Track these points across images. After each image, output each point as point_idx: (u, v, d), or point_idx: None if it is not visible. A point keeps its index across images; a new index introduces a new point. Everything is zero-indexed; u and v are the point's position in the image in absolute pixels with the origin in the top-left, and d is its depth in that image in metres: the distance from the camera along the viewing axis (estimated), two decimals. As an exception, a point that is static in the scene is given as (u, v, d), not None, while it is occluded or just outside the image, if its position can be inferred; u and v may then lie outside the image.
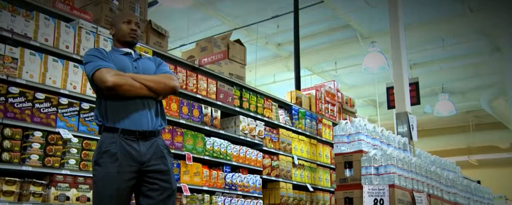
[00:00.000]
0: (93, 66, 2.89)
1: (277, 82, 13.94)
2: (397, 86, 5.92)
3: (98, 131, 3.16)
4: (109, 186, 2.81)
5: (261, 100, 5.91)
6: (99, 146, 2.90)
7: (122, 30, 3.16)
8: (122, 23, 3.16)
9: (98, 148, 2.90)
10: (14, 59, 3.66)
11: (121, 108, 2.93)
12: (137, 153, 2.89)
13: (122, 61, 3.05)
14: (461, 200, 5.81)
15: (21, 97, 3.65)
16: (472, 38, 11.00)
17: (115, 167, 2.83)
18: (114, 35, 3.21)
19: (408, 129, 5.75)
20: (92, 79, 2.90)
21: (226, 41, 5.71)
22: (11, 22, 3.69)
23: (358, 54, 11.34)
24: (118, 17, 3.25)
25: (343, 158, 4.75)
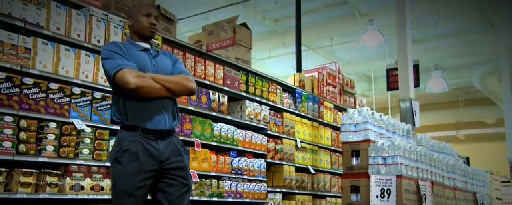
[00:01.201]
0: (115, 65, 2.84)
1: (273, 58, 13.89)
2: (401, 73, 5.93)
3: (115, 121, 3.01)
4: (129, 184, 2.82)
5: (266, 84, 5.89)
6: (119, 144, 2.89)
7: (141, 23, 3.06)
8: (141, 16, 3.06)
9: (118, 146, 2.89)
10: (27, 49, 3.59)
11: (141, 108, 2.91)
12: (157, 151, 2.90)
13: (142, 59, 3.00)
14: (459, 184, 5.90)
15: (35, 88, 3.60)
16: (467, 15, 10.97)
17: (136, 166, 2.83)
18: (132, 27, 3.10)
19: (412, 115, 5.78)
20: (113, 79, 2.85)
21: (232, 25, 5.64)
22: (23, 11, 3.60)
23: (354, 31, 11.29)
24: (137, 8, 3.12)
25: (350, 146, 4.78)
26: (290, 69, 14.76)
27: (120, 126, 2.95)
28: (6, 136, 3.39)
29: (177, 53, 4.79)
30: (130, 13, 3.13)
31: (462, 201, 5.87)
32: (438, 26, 11.24)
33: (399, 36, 6.13)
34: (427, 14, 10.69)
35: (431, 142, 6.37)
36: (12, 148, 3.41)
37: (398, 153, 4.47)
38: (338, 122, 7.20)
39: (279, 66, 14.57)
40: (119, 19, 4.27)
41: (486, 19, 11.10)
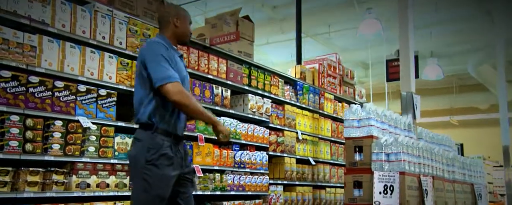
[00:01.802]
0: (165, 75, 2.83)
1: (271, 44, 13.79)
2: (403, 67, 5.88)
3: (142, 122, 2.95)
4: (164, 188, 2.85)
5: (268, 77, 5.84)
6: (155, 147, 2.86)
7: (187, 30, 3.17)
8: (188, 23, 3.17)
9: (155, 149, 2.85)
10: (32, 47, 3.52)
11: (172, 114, 2.98)
12: (181, 157, 3.02)
13: (181, 68, 3.07)
14: (458, 176, 5.92)
15: (41, 86, 3.54)
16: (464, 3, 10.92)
17: (171, 170, 2.88)
18: (176, 29, 3.10)
19: (413, 109, 5.76)
20: (160, 87, 2.84)
21: (235, 18, 5.56)
22: (28, 8, 3.52)
23: (352, 18, 11.21)
24: (186, 14, 3.18)
25: (353, 142, 4.75)
26: (288, 56, 14.71)
27: (148, 128, 2.90)
28: (12, 135, 3.34)
29: (180, 49, 4.71)
30: (180, 15, 3.12)
31: (461, 193, 5.89)
32: (435, 13, 11.19)
33: (401, 30, 6.06)
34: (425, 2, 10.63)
35: (430, 135, 6.37)
36: (19, 147, 3.36)
37: (401, 150, 4.46)
38: (338, 113, 7.18)
39: (277, 52, 14.51)
40: (123, 15, 4.19)
41: (482, 7, 11.05)
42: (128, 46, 4.20)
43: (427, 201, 4.69)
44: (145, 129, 2.91)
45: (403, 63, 5.90)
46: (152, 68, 2.86)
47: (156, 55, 2.87)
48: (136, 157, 2.87)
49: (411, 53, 5.92)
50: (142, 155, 2.85)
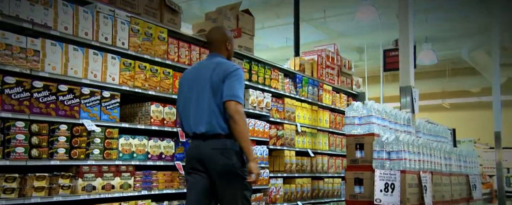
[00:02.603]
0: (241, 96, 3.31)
1: (266, 28, 13.69)
2: (402, 61, 5.84)
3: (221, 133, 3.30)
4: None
5: (268, 71, 5.80)
6: (240, 152, 3.32)
7: (233, 51, 3.68)
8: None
9: (241, 156, 3.32)
10: (36, 52, 3.45)
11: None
12: None
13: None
14: (455, 168, 5.96)
15: (45, 91, 3.48)
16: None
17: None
18: (229, 51, 3.60)
19: (411, 102, 5.75)
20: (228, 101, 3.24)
21: (235, 12, 5.48)
22: (30, 11, 3.44)
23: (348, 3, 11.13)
24: (232, 38, 3.68)
25: (354, 140, 4.76)
26: (283, 40, 14.64)
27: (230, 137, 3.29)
28: (18, 141, 3.29)
29: (182, 46, 4.66)
30: (231, 39, 3.61)
31: (457, 185, 5.94)
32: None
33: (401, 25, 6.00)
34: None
35: (427, 127, 6.39)
36: (25, 153, 3.32)
37: (402, 148, 4.47)
38: (336, 104, 7.17)
39: (273, 37, 14.42)
40: (125, 14, 4.11)
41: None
42: (130, 46, 4.13)
43: (426, 197, 4.72)
44: (229, 138, 3.28)
45: (402, 57, 5.87)
46: (232, 81, 3.28)
47: (240, 77, 3.34)
48: (235, 164, 3.25)
49: (410, 46, 5.89)
50: (239, 160, 3.28)
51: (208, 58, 3.58)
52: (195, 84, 3.40)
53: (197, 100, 3.35)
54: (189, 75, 3.53)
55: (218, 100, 3.26)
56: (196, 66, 3.62)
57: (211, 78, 3.30)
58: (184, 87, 3.51)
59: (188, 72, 3.60)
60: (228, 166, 3.22)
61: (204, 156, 3.28)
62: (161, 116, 4.35)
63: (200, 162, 3.32)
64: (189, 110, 3.40)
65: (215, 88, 3.28)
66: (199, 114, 3.31)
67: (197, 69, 3.52)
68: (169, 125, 4.42)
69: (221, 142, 3.26)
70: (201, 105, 3.31)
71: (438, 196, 5.16)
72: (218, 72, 3.30)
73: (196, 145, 3.35)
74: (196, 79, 3.41)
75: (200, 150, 3.31)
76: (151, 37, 4.32)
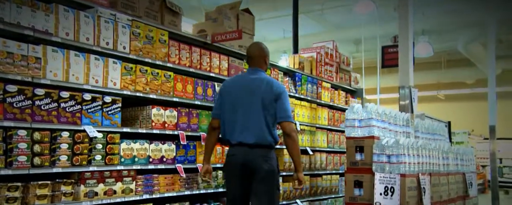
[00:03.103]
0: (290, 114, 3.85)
1: (263, 20, 13.59)
2: (402, 61, 5.83)
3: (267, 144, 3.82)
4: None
5: (268, 71, 5.75)
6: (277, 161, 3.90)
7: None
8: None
9: (278, 165, 3.91)
10: (37, 59, 3.40)
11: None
12: None
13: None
14: (452, 167, 5.97)
15: (47, 98, 3.44)
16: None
17: None
18: (266, 65, 4.03)
19: (410, 102, 5.75)
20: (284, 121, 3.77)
21: (235, 11, 5.43)
22: (32, 18, 3.38)
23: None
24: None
25: (354, 142, 4.74)
26: (280, 32, 14.56)
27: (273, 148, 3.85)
28: (20, 150, 3.26)
29: (183, 48, 4.61)
30: (268, 55, 4.03)
31: (454, 184, 5.95)
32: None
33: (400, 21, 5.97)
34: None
35: (426, 125, 6.39)
36: (27, 162, 3.29)
37: (402, 152, 4.46)
38: (334, 101, 7.15)
39: (270, 28, 14.33)
40: (126, 18, 4.06)
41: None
42: (131, 50, 4.09)
43: (425, 199, 4.73)
44: (271, 149, 3.81)
45: (402, 58, 5.85)
46: (284, 102, 3.76)
47: (287, 96, 3.83)
48: (275, 171, 3.76)
49: (410, 48, 5.86)
50: (277, 167, 3.81)
51: (251, 72, 3.93)
52: (243, 97, 3.77)
53: (246, 113, 3.73)
54: (233, 87, 3.87)
55: (268, 116, 3.74)
56: (240, 79, 3.99)
57: (262, 95, 3.73)
58: (227, 97, 3.84)
59: (231, 84, 3.94)
60: (270, 172, 3.73)
61: (250, 162, 3.72)
62: (162, 119, 4.32)
63: (244, 167, 3.73)
64: (235, 121, 3.77)
65: (266, 106, 3.72)
66: (248, 126, 3.73)
67: (242, 82, 3.90)
68: (170, 128, 4.40)
69: (266, 151, 3.76)
70: (251, 118, 3.72)
71: (436, 197, 5.17)
72: (269, 91, 3.73)
73: (242, 153, 3.74)
74: (244, 92, 3.78)
75: (247, 157, 3.73)
76: (152, 40, 4.27)
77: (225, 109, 3.82)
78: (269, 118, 3.73)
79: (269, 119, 3.73)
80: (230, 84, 3.94)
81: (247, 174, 3.71)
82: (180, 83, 4.53)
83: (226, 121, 3.81)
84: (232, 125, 3.76)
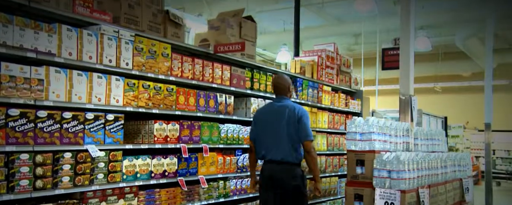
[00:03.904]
0: (310, 134, 4.42)
1: (264, 12, 13.44)
2: (403, 70, 5.74)
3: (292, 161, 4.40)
4: None
5: (270, 77, 5.67)
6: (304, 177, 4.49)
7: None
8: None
9: (304, 179, 4.49)
10: (40, 81, 3.31)
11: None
12: None
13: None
14: (450, 174, 5.94)
15: (49, 120, 3.36)
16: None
17: None
18: (290, 92, 4.64)
19: (410, 110, 5.68)
20: (307, 141, 4.36)
21: (238, 19, 5.32)
22: (35, 40, 3.28)
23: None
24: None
25: (355, 155, 4.69)
26: (280, 23, 14.41)
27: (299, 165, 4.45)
28: (22, 174, 3.19)
29: (186, 60, 4.52)
30: (291, 84, 4.65)
31: (451, 191, 5.93)
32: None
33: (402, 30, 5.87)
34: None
35: (424, 132, 6.34)
36: (29, 185, 3.22)
37: (403, 168, 4.41)
38: (334, 104, 7.08)
39: (270, 20, 14.20)
40: (129, 34, 3.95)
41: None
42: (134, 66, 3.99)
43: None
44: (296, 165, 4.38)
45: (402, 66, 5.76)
46: (305, 124, 4.34)
47: (307, 118, 4.39)
48: (301, 186, 4.36)
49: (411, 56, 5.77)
50: (304, 183, 4.43)
51: (278, 100, 4.56)
52: (272, 121, 4.40)
53: (274, 135, 4.36)
54: (263, 114, 4.56)
55: (292, 137, 4.33)
56: (269, 107, 4.62)
57: (287, 120, 4.34)
58: (259, 123, 4.52)
59: (262, 111, 4.64)
60: (297, 187, 4.33)
61: (278, 177, 4.32)
62: (164, 133, 4.25)
63: (272, 181, 4.34)
64: (265, 141, 4.43)
65: (290, 128, 4.32)
66: (276, 145, 4.34)
67: (270, 109, 4.55)
68: (173, 142, 4.33)
69: (291, 167, 4.35)
70: (278, 139, 4.34)
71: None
72: (292, 116, 4.35)
73: (271, 168, 4.38)
74: (271, 118, 4.43)
75: (274, 172, 4.34)
76: (155, 54, 4.17)
77: (258, 133, 4.50)
78: (293, 138, 4.33)
79: (293, 140, 4.33)
80: (261, 112, 4.62)
81: (275, 185, 4.33)
82: (182, 96, 4.45)
83: (259, 142, 4.49)
84: (263, 146, 4.44)
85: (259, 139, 4.48)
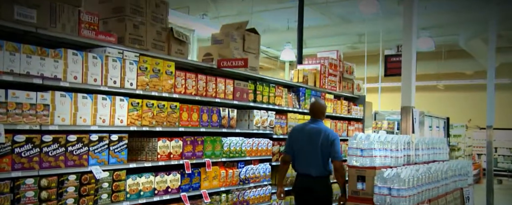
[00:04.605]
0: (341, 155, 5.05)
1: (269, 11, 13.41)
2: (404, 83, 5.74)
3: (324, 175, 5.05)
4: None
5: (272, 89, 5.69)
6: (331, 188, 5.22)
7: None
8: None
9: (331, 190, 5.22)
10: (45, 106, 3.33)
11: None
12: None
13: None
14: (450, 185, 5.95)
15: (54, 144, 3.39)
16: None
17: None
18: (324, 115, 5.33)
19: (412, 122, 5.69)
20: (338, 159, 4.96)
21: (241, 32, 5.32)
22: (41, 66, 3.30)
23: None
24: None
25: (356, 171, 4.71)
26: (284, 21, 14.36)
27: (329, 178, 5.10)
28: (28, 199, 3.23)
29: (189, 77, 4.53)
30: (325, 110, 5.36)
31: (451, 202, 5.95)
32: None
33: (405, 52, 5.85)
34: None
35: (426, 141, 6.35)
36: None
37: (403, 186, 4.43)
38: (337, 111, 7.09)
39: (274, 18, 14.17)
40: (134, 55, 3.96)
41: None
42: (138, 86, 4.01)
43: (424, 227, 4.74)
44: (326, 178, 5.04)
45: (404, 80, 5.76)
46: (336, 146, 4.95)
47: (338, 141, 5.00)
48: (329, 196, 5.08)
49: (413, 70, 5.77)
50: (331, 193, 5.19)
51: (314, 122, 5.19)
52: (309, 140, 5.02)
53: (310, 153, 4.99)
54: (300, 133, 5.15)
55: (324, 156, 4.95)
56: (305, 127, 5.19)
57: (321, 141, 4.96)
58: (296, 140, 5.14)
59: (299, 129, 5.21)
60: (326, 196, 5.05)
61: (312, 189, 4.99)
62: (167, 150, 4.28)
63: (307, 191, 5.01)
64: (302, 157, 5.05)
65: (323, 149, 4.94)
66: (311, 162, 4.98)
67: (306, 129, 5.13)
68: (176, 158, 4.37)
69: (323, 181, 5.02)
70: (313, 157, 4.97)
71: (434, 220, 5.17)
72: (326, 139, 4.95)
73: (306, 180, 5.03)
74: (308, 137, 5.04)
75: (310, 185, 4.99)
76: (159, 72, 4.19)
77: (295, 149, 5.10)
78: (325, 157, 4.96)
79: (325, 158, 4.96)
80: (298, 131, 5.20)
81: (307, 194, 5.01)
82: (185, 112, 4.47)
83: (296, 158, 5.10)
84: (300, 162, 5.08)
85: (297, 156, 5.09)
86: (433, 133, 13.38)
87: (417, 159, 5.66)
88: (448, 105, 18.17)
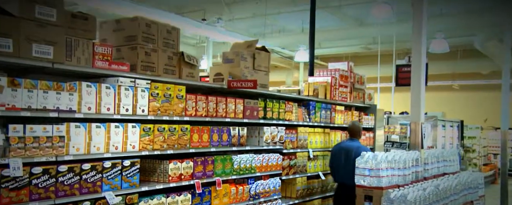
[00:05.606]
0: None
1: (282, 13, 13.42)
2: (414, 98, 5.77)
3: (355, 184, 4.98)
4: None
5: (282, 105, 5.77)
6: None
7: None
8: None
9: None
10: (61, 138, 3.47)
11: None
12: None
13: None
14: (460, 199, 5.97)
15: (69, 173, 3.53)
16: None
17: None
18: (360, 135, 6.34)
19: (421, 137, 5.73)
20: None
21: (251, 51, 5.40)
22: (56, 100, 3.43)
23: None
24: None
25: (363, 191, 4.79)
26: (299, 23, 14.36)
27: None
28: (45, 227, 3.38)
29: (200, 99, 4.64)
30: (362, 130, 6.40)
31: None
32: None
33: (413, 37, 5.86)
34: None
35: (436, 154, 6.37)
36: (52, 237, 3.41)
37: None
38: (348, 122, 7.14)
39: (288, 21, 14.18)
40: (145, 82, 4.08)
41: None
42: (150, 111, 4.13)
43: (430, 246, 4.79)
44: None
45: (414, 93, 5.79)
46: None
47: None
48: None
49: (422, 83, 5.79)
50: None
51: (351, 140, 6.17)
52: (346, 154, 5.91)
53: (345, 166, 5.80)
54: (340, 149, 6.09)
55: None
56: (344, 144, 6.18)
57: (354, 155, 5.50)
58: (337, 154, 6.08)
59: (339, 147, 6.18)
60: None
61: (347, 194, 5.53)
62: (178, 172, 4.40)
63: (344, 198, 5.85)
64: (339, 169, 6.00)
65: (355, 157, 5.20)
66: (346, 173, 5.62)
67: (344, 146, 6.08)
68: (187, 179, 4.49)
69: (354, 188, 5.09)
70: (347, 168, 5.56)
71: (442, 237, 5.22)
72: (358, 153, 5.10)
73: (342, 188, 5.97)
74: (345, 152, 5.95)
75: (345, 190, 5.76)
76: (170, 97, 4.30)
77: (335, 162, 6.06)
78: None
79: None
80: (339, 147, 6.17)
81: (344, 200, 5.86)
82: (196, 134, 4.59)
83: (335, 169, 6.09)
84: (338, 173, 6.03)
85: (336, 168, 6.07)
86: (446, 132, 13.34)
87: (426, 173, 5.71)
88: (463, 105, 18.04)
